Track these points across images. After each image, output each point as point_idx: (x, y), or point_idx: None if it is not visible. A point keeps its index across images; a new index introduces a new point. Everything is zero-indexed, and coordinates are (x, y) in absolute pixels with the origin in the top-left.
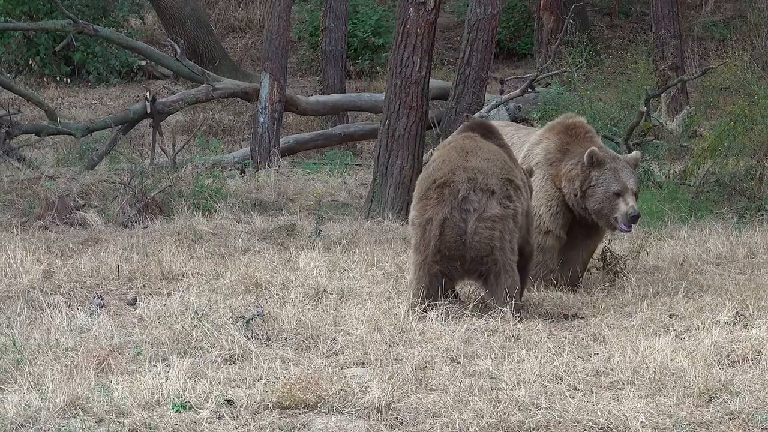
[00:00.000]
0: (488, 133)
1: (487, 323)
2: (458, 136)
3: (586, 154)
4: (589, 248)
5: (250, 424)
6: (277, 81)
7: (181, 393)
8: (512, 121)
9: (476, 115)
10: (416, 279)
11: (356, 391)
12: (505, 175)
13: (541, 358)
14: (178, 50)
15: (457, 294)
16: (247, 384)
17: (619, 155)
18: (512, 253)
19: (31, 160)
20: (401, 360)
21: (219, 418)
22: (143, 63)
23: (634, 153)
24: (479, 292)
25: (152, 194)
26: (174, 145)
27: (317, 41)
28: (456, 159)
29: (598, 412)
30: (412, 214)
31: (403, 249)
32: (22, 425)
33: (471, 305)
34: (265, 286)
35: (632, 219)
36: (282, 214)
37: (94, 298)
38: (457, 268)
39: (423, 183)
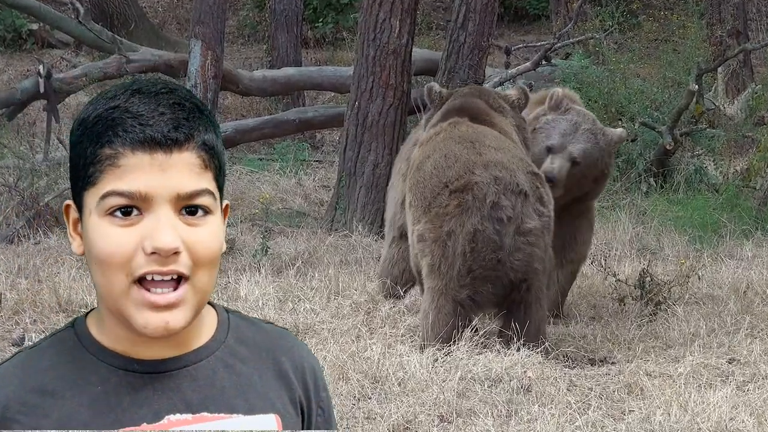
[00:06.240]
0: (478, 113)
1: (487, 369)
2: (444, 123)
3: (549, 93)
4: (565, 269)
5: None
6: (212, 50)
7: None
8: None
9: None
10: (435, 308)
11: None
12: (529, 168)
13: (558, 416)
14: (81, 10)
15: (477, 330)
16: None
17: (600, 124)
18: (545, 275)
19: None
20: (374, 419)
21: None
22: (35, 27)
23: (619, 130)
24: (490, 322)
25: (46, 200)
26: None
27: None
28: (465, 153)
29: None
30: (420, 228)
31: (378, 272)
32: None
33: (464, 343)
34: None
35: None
36: None
37: None
38: (487, 294)
39: (424, 188)
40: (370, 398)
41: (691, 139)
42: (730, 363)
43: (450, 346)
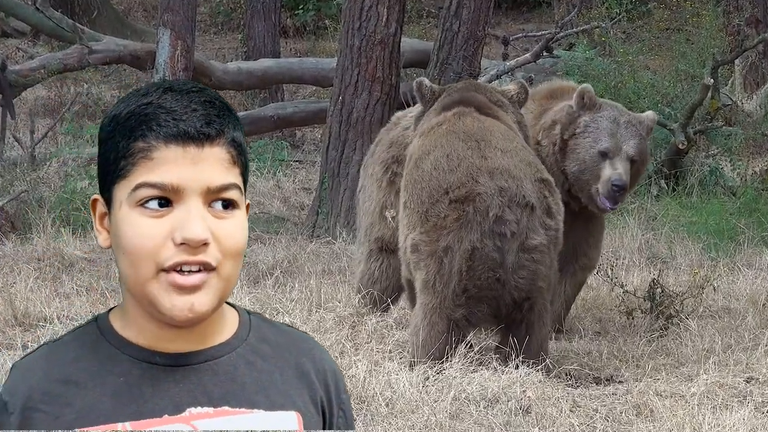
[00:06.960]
0: (484, 104)
1: (483, 389)
2: (449, 114)
3: (576, 92)
4: (576, 277)
5: None
6: (182, 40)
7: None
8: None
9: None
10: (428, 324)
11: None
12: (538, 174)
13: None
14: None
15: (472, 345)
16: None
17: (630, 112)
18: (549, 292)
19: None
20: None
21: None
22: None
23: (649, 113)
24: (487, 339)
25: (1, 203)
26: (33, 133)
27: None
28: (469, 155)
29: None
30: (415, 237)
31: (356, 287)
32: None
33: (458, 360)
34: None
35: (613, 187)
36: None
37: None
38: (485, 314)
39: (422, 190)
40: (355, 419)
41: (706, 138)
42: (747, 382)
43: (442, 363)
